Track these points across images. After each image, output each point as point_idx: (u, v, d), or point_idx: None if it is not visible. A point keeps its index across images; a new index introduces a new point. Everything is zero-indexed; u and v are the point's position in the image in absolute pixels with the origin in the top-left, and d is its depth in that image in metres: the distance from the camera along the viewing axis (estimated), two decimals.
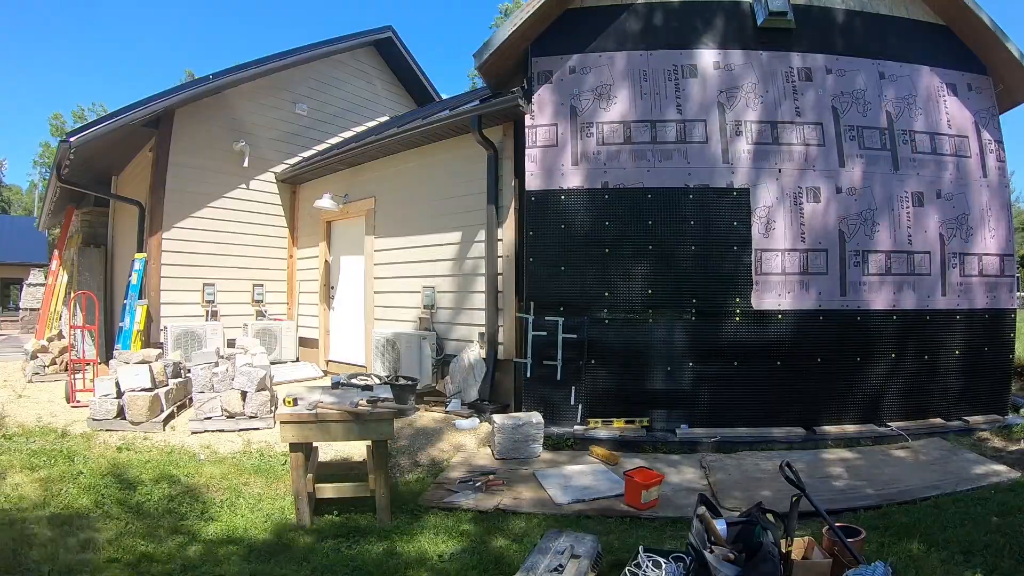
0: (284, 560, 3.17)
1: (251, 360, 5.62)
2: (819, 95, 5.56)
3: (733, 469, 4.47)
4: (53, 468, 4.37)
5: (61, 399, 6.29)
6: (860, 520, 3.35)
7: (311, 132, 9.60)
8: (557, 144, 5.57)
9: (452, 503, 3.90)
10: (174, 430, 5.37)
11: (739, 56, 5.59)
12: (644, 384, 5.35)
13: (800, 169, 5.46)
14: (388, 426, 3.71)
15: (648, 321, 5.37)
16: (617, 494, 3.95)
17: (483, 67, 5.78)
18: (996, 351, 5.55)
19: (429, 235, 7.00)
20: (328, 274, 8.77)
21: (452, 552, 3.22)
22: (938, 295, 5.50)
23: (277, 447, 4.90)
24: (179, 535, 3.46)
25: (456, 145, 6.64)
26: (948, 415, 5.38)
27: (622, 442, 5.06)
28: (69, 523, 3.51)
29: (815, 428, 5.18)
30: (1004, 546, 2.94)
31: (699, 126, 5.51)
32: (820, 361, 5.32)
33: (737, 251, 5.37)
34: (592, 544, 2.99)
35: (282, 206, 9.26)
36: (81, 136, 6.92)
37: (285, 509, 3.86)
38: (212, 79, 7.87)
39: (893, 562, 2.66)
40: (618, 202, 5.46)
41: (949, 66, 5.77)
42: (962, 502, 3.65)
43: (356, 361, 8.03)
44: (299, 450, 3.63)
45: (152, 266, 7.67)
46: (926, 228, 5.53)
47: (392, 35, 10.72)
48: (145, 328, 7.46)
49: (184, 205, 7.97)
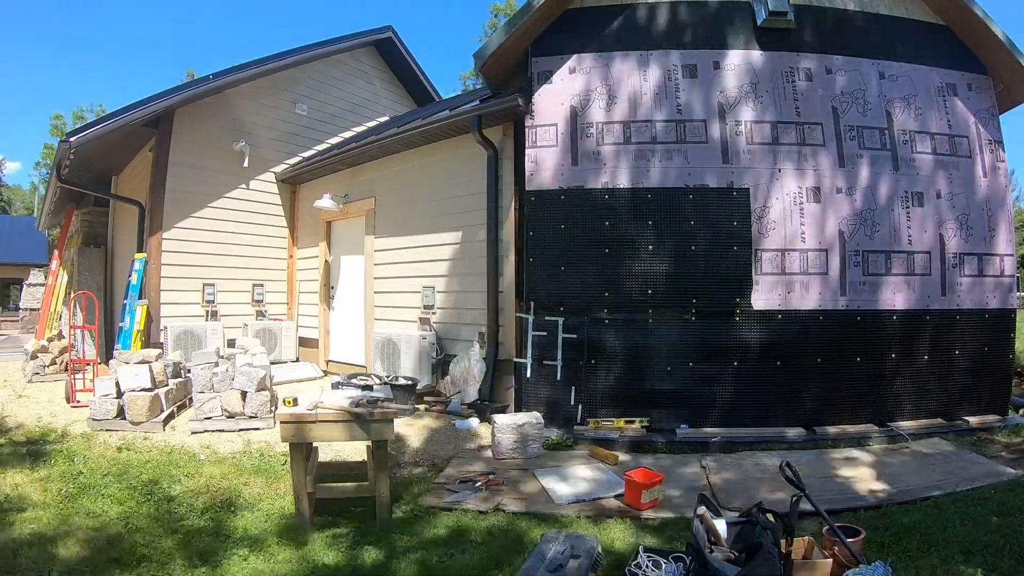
0: (284, 560, 3.16)
1: (251, 360, 5.61)
2: (819, 95, 5.56)
3: (733, 469, 4.46)
4: (53, 468, 4.37)
5: (61, 399, 6.29)
6: (860, 520, 3.34)
7: (311, 132, 9.61)
8: (557, 144, 5.57)
9: (452, 503, 3.90)
10: (174, 430, 5.37)
11: (739, 56, 5.59)
12: (644, 384, 5.35)
13: (800, 169, 5.46)
14: (388, 426, 3.71)
15: (648, 321, 5.37)
16: (617, 494, 3.95)
17: (483, 67, 5.78)
18: (996, 351, 5.54)
19: (429, 235, 7.00)
20: (328, 274, 8.77)
21: (452, 552, 3.22)
22: (938, 295, 5.49)
23: (277, 447, 4.90)
24: (178, 535, 3.46)
25: (456, 145, 6.64)
26: (948, 415, 5.38)
27: (622, 442, 5.06)
28: (68, 523, 3.51)
29: (815, 428, 5.18)
30: (1004, 546, 2.94)
31: (699, 126, 5.50)
32: (820, 361, 5.32)
33: (737, 251, 5.36)
34: (592, 544, 3.00)
35: (282, 206, 9.26)
36: (81, 136, 6.93)
37: (285, 509, 3.85)
38: (212, 79, 7.88)
39: (893, 562, 2.66)
40: (618, 202, 5.45)
41: (949, 66, 5.77)
42: (962, 502, 3.64)
43: (356, 361, 8.03)
44: (299, 450, 3.63)
45: (152, 266, 7.67)
46: (926, 228, 5.53)
47: (392, 35, 10.73)
48: (145, 328, 7.47)
49: (184, 205, 7.97)
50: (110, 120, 7.12)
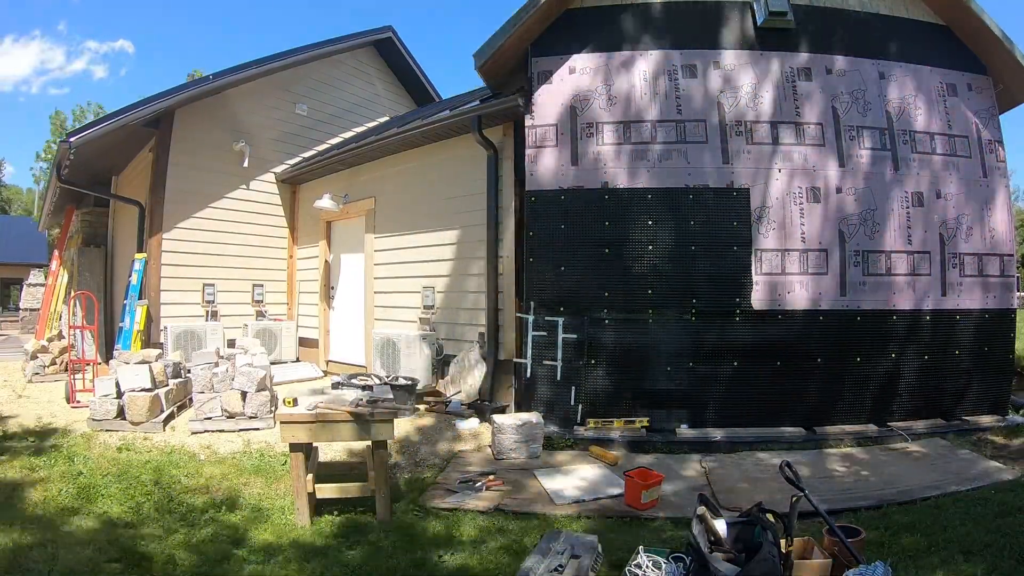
0: (284, 560, 3.16)
1: (251, 360, 5.61)
2: (819, 95, 5.56)
3: (733, 469, 4.47)
4: (53, 468, 4.37)
5: (61, 399, 6.29)
6: (860, 520, 3.35)
7: (311, 132, 9.61)
8: (557, 144, 5.57)
9: (452, 503, 3.90)
10: (174, 430, 5.37)
11: (739, 56, 5.59)
12: (644, 384, 5.35)
13: (800, 169, 5.46)
14: (388, 426, 3.72)
15: (648, 321, 5.37)
16: (617, 494, 3.95)
17: (483, 68, 5.77)
18: (996, 351, 5.54)
19: (429, 235, 7.00)
20: (328, 274, 8.77)
21: (452, 552, 3.22)
22: (938, 295, 5.49)
23: (277, 447, 4.90)
24: (178, 535, 3.46)
25: (456, 145, 6.64)
26: (948, 415, 5.38)
27: (622, 442, 5.06)
28: (68, 523, 3.51)
29: (815, 428, 5.18)
30: (1004, 546, 2.94)
31: (699, 126, 5.50)
32: (820, 361, 5.32)
33: (737, 251, 5.36)
34: (592, 544, 3.00)
35: (282, 206, 9.26)
36: (81, 136, 6.92)
37: (285, 509, 3.85)
38: (212, 79, 7.87)
39: (893, 562, 2.66)
40: (618, 202, 5.45)
41: (949, 66, 5.77)
42: (962, 502, 3.64)
43: (356, 361, 8.02)
44: (299, 450, 3.64)
45: (152, 266, 7.67)
46: (926, 228, 5.53)
47: (392, 35, 10.73)
48: (145, 328, 7.47)
49: (184, 205, 7.97)
50: (110, 120, 7.12)
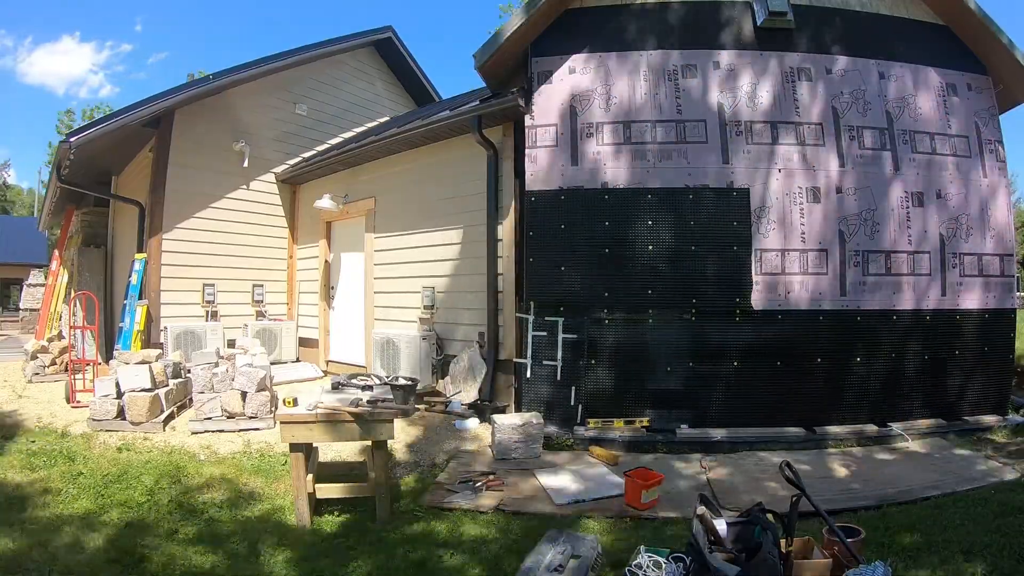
0: (284, 561, 3.17)
1: (251, 360, 5.62)
2: (819, 95, 5.56)
3: (733, 469, 4.47)
4: (53, 469, 4.37)
5: (61, 399, 6.29)
6: (860, 520, 3.34)
7: (311, 132, 9.61)
8: (557, 144, 5.57)
9: (452, 503, 3.90)
10: (174, 430, 5.37)
11: (739, 56, 5.59)
12: (644, 384, 5.35)
13: (800, 169, 5.46)
14: (388, 426, 3.72)
15: (648, 321, 5.37)
16: (617, 494, 3.95)
17: (483, 67, 5.77)
18: (996, 351, 5.55)
19: (429, 235, 7.00)
20: (328, 274, 8.77)
21: (452, 552, 3.22)
22: (938, 295, 5.50)
23: (277, 447, 4.90)
24: (178, 536, 3.46)
25: (456, 145, 6.64)
26: (948, 415, 5.38)
27: (622, 442, 5.06)
28: (69, 523, 3.51)
29: (815, 428, 5.18)
30: (1004, 546, 2.94)
31: (699, 126, 5.50)
32: (820, 361, 5.32)
33: (737, 251, 5.36)
34: (592, 544, 3.00)
35: (282, 206, 9.26)
36: (81, 136, 6.93)
37: (285, 509, 3.86)
38: (212, 79, 7.87)
39: (893, 562, 2.66)
40: (618, 202, 5.45)
41: (949, 66, 5.77)
42: (962, 502, 3.64)
43: (356, 361, 8.02)
44: (299, 450, 3.63)
45: (152, 266, 7.67)
46: (926, 228, 5.53)
47: (392, 35, 10.73)
48: (145, 328, 7.46)
49: (184, 205, 7.97)
50: (110, 120, 7.12)
